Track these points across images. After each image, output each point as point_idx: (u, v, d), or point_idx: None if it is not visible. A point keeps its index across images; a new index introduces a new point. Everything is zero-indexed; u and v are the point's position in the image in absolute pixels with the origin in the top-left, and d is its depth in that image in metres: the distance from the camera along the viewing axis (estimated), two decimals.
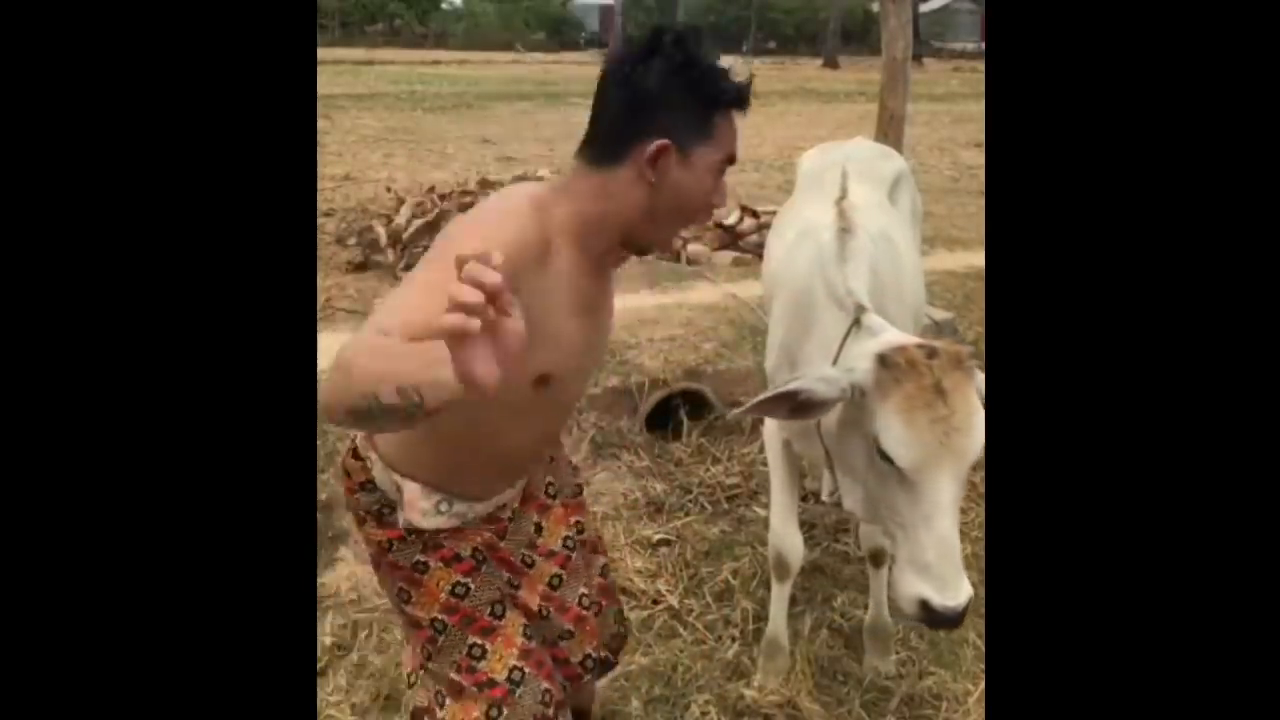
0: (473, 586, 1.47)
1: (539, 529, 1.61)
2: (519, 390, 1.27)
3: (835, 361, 1.74)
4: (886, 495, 1.57)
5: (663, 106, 1.26)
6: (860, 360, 1.58)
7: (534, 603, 1.56)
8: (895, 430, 1.49)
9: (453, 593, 1.46)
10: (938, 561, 1.48)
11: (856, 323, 1.75)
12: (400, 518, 1.44)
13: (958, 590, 1.47)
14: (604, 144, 1.30)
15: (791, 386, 1.57)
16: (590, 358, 1.43)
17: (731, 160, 1.32)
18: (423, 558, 1.46)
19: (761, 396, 1.60)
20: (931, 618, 1.50)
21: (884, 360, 1.53)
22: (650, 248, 1.38)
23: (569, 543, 1.65)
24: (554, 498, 1.65)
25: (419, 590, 1.47)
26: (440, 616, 1.46)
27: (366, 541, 1.52)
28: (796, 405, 1.58)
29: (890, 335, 1.65)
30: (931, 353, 1.51)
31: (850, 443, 1.68)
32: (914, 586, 1.50)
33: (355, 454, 1.47)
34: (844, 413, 1.66)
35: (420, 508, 1.41)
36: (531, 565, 1.58)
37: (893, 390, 1.50)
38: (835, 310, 1.85)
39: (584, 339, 1.36)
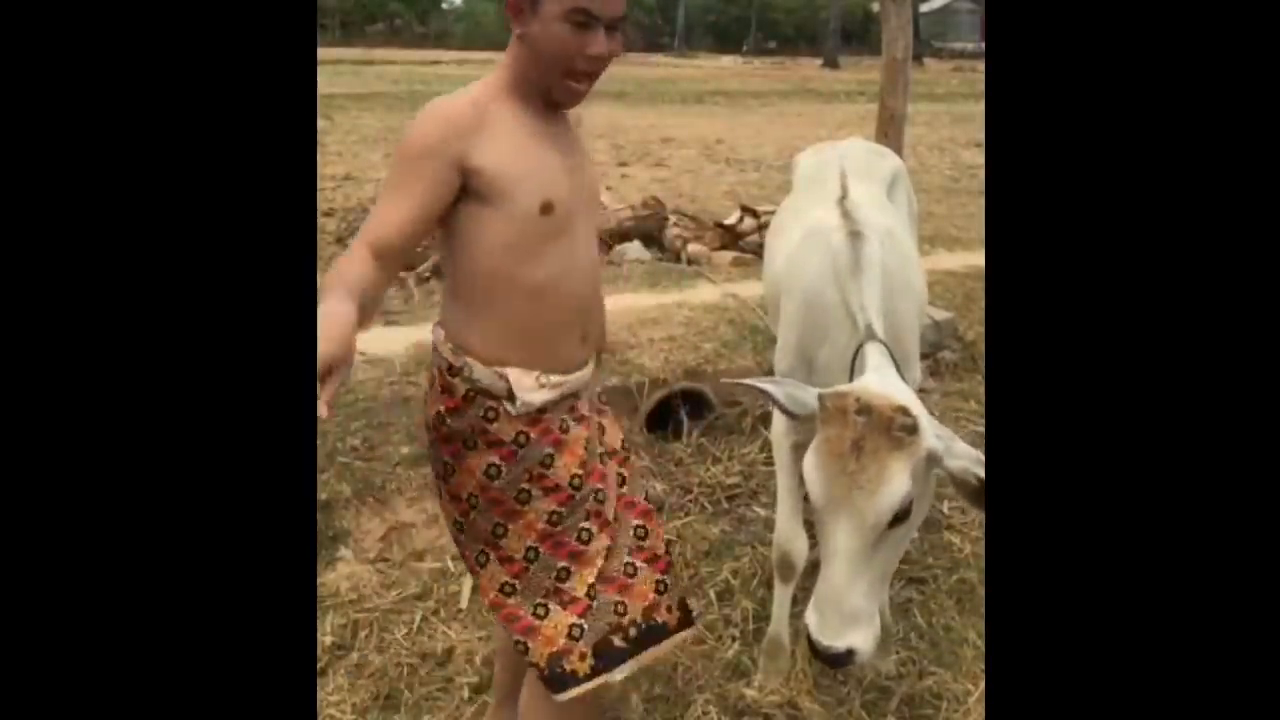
0: (564, 514, 1.57)
1: (601, 429, 1.70)
2: (530, 219, 1.44)
3: (850, 380, 1.79)
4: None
5: None
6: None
7: (609, 511, 1.64)
8: (808, 468, 1.59)
9: (548, 521, 1.55)
10: (821, 599, 1.55)
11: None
12: (514, 405, 1.53)
13: (835, 635, 1.52)
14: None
15: (767, 388, 1.72)
16: (578, 195, 1.53)
17: (585, 13, 1.36)
18: (526, 486, 1.55)
19: (748, 380, 1.81)
20: (810, 645, 1.57)
21: (821, 400, 1.61)
22: (553, 97, 1.47)
23: (624, 443, 1.76)
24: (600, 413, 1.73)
25: (516, 522, 1.56)
26: (534, 545, 1.56)
27: (465, 475, 1.56)
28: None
29: (864, 378, 1.71)
30: (865, 409, 1.55)
31: None
32: (809, 611, 1.58)
33: (450, 370, 1.54)
34: None
35: (526, 385, 1.52)
36: (604, 463, 1.66)
37: (818, 430, 1.60)
38: (848, 323, 1.86)
39: (564, 171, 1.49)
